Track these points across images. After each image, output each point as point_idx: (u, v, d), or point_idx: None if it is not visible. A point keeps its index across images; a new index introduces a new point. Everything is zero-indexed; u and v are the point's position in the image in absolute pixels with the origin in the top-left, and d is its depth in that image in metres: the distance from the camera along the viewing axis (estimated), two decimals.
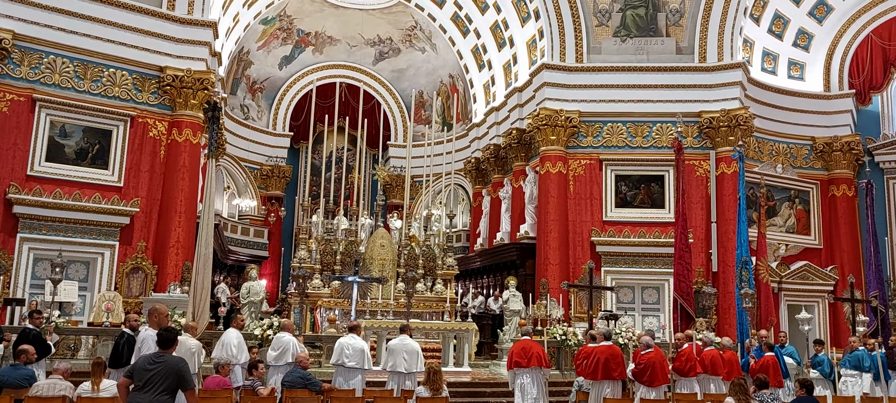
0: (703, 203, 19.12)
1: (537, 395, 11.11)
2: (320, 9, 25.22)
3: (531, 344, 11.31)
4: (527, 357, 11.07)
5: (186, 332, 9.63)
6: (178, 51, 17.40)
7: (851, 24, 21.80)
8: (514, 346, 11.54)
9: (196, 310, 11.36)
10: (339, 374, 10.74)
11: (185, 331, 9.58)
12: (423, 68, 27.43)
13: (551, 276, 18.51)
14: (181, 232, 16.81)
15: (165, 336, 6.70)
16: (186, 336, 9.34)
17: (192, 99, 17.33)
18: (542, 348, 11.45)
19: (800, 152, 21.38)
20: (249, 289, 17.24)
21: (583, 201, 19.40)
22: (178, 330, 7.24)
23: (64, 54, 16.33)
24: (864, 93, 21.85)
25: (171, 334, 6.76)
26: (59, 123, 16.25)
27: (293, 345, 10.77)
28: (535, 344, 11.39)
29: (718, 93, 19.31)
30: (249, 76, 26.36)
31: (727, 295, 17.89)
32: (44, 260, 15.41)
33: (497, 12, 22.29)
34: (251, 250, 25.45)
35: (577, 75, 19.88)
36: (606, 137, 19.72)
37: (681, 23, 20.01)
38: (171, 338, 6.72)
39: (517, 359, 11.15)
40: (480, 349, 18.22)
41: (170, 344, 6.67)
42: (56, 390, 8.06)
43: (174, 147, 17.23)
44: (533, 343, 11.43)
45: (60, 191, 15.88)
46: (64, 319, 13.68)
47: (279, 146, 27.40)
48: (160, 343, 6.69)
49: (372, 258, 17.96)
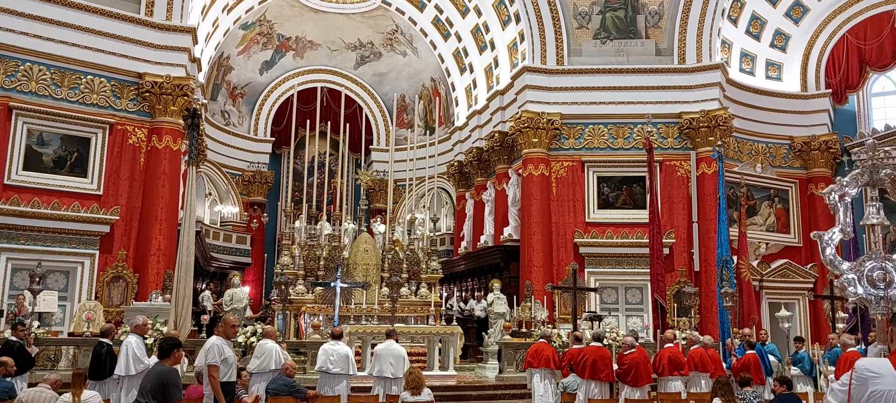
0: (685, 203, 19.27)
1: (543, 393, 11.68)
2: (300, 13, 25.13)
3: (544, 347, 12.01)
4: (538, 359, 11.81)
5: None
6: (156, 57, 17.26)
7: (827, 24, 22.08)
8: (530, 348, 12.35)
9: (178, 318, 11.29)
10: (323, 380, 10.69)
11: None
12: (404, 72, 27.42)
13: (535, 278, 18.56)
14: (162, 239, 16.66)
15: (162, 346, 6.60)
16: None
17: (171, 105, 17.19)
18: (554, 350, 12.15)
19: (778, 151, 21.63)
20: (232, 296, 17.13)
21: (565, 203, 19.48)
22: (172, 339, 7.07)
23: (41, 61, 16.13)
24: (841, 93, 22.13)
25: (165, 344, 6.64)
26: (37, 131, 16.05)
27: (276, 352, 10.70)
28: (548, 347, 12.07)
29: (698, 94, 19.48)
30: (230, 81, 26.22)
31: (709, 294, 18.03)
32: (22, 270, 15.19)
33: (478, 16, 22.33)
34: (234, 257, 25.29)
35: (558, 77, 19.97)
36: (588, 139, 19.82)
37: (660, 24, 20.17)
38: (165, 349, 6.59)
39: (530, 360, 12.01)
40: (466, 352, 18.23)
41: (164, 355, 6.54)
42: (41, 398, 7.94)
43: (154, 154, 17.08)
44: (546, 345, 12.13)
45: (38, 200, 15.68)
46: (43, 330, 13.51)
47: (261, 151, 27.27)
48: (158, 353, 6.59)
49: (356, 263, 17.90)
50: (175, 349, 6.65)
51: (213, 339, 8.10)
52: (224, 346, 7.97)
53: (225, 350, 7.96)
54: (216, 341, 7.98)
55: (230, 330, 8.27)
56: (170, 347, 6.61)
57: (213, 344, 7.93)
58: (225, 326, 8.26)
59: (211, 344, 7.96)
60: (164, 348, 6.59)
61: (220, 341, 7.99)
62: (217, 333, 8.26)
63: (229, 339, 8.23)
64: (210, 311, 17.43)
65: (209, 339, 8.20)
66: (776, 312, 17.02)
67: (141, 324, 9.95)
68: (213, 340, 8.04)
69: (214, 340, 8.03)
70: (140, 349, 9.49)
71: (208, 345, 7.97)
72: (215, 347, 7.88)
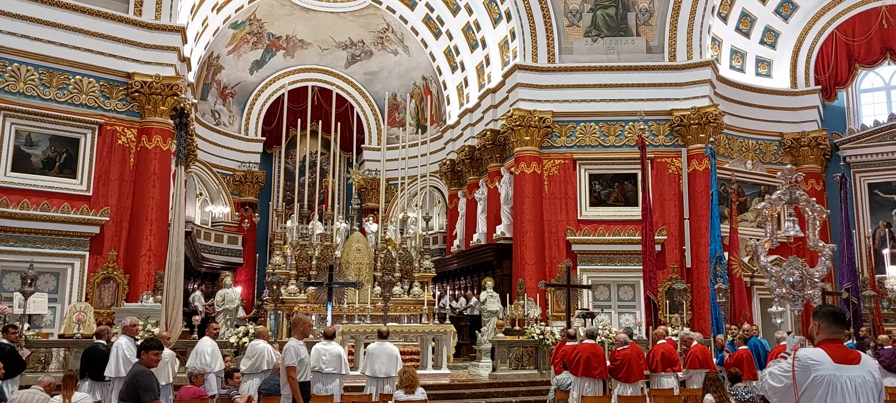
0: (676, 200, 19.31)
1: None
2: (290, 12, 25.05)
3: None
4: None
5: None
6: (145, 56, 17.15)
7: (816, 21, 22.21)
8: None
9: (169, 319, 11.23)
10: (316, 380, 10.64)
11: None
12: (395, 70, 27.37)
13: (528, 276, 18.56)
14: (153, 240, 16.57)
15: (140, 344, 6.64)
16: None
17: (161, 105, 17.10)
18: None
19: (769, 148, 21.72)
20: (224, 297, 17.02)
21: (558, 201, 19.49)
22: (153, 340, 7.02)
23: (28, 62, 16.00)
24: (830, 89, 22.25)
25: (144, 343, 6.64)
26: (25, 132, 15.92)
27: (268, 352, 10.67)
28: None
29: (688, 92, 19.53)
30: (220, 81, 26.10)
31: (701, 291, 18.09)
32: (11, 271, 15.09)
33: (469, 14, 22.32)
34: (225, 257, 25.18)
35: (550, 75, 19.98)
36: (580, 137, 19.84)
37: (650, 22, 20.21)
38: (140, 347, 6.60)
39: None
40: (459, 350, 18.20)
41: (139, 353, 6.56)
42: (33, 400, 7.87)
43: (144, 154, 16.98)
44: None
45: (27, 201, 15.56)
46: (34, 332, 13.41)
47: (252, 151, 27.16)
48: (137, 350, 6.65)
49: (348, 262, 17.86)
50: (151, 349, 6.54)
51: (289, 341, 8.31)
52: (300, 347, 8.17)
53: (300, 352, 8.16)
54: (293, 343, 8.18)
55: (307, 329, 8.62)
56: (146, 345, 6.56)
57: (289, 346, 8.14)
58: (303, 326, 8.52)
59: (287, 347, 8.15)
60: (143, 345, 6.59)
61: (295, 342, 8.19)
62: (293, 334, 8.47)
63: (304, 338, 8.44)
64: (201, 312, 17.36)
65: (287, 342, 8.39)
66: (768, 308, 17.10)
67: (130, 325, 9.89)
68: (290, 342, 8.26)
69: (291, 342, 8.25)
70: (130, 350, 9.41)
71: (286, 348, 8.16)
72: (292, 349, 8.09)
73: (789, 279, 6.01)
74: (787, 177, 6.59)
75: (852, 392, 4.02)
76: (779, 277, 6.09)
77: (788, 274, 5.98)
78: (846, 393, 4.01)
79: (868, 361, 4.22)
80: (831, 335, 4.30)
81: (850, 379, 4.05)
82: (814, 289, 6.06)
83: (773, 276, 6.14)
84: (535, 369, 14.96)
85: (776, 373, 4.26)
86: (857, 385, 4.05)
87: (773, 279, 6.13)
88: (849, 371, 4.08)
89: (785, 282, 6.06)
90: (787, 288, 6.01)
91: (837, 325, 4.35)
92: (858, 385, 4.05)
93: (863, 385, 4.06)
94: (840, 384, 4.04)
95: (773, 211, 6.72)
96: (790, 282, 6.04)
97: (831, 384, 4.03)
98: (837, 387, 4.03)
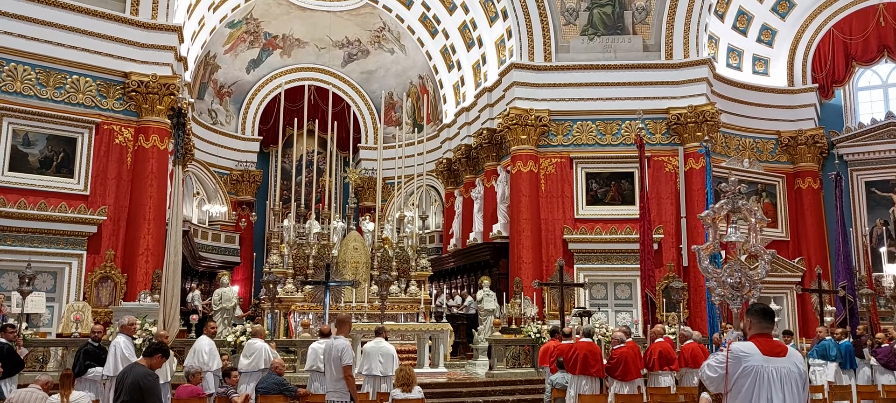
0: (673, 198, 19.35)
1: None
2: (287, 11, 25.04)
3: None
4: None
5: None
6: (142, 56, 17.15)
7: (813, 19, 22.24)
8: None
9: (167, 318, 11.24)
10: (314, 379, 10.66)
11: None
12: (392, 69, 27.38)
13: (525, 275, 18.59)
14: (150, 239, 16.58)
15: (148, 348, 6.70)
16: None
17: (158, 104, 17.10)
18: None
19: (766, 146, 21.76)
20: (222, 296, 17.03)
21: (554, 199, 19.51)
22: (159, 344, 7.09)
23: (25, 61, 15.99)
24: (827, 88, 22.30)
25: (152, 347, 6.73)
26: (22, 132, 15.92)
27: (265, 351, 10.68)
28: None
29: (685, 90, 19.56)
30: (217, 80, 26.10)
31: (698, 289, 18.12)
32: (9, 271, 15.09)
33: (465, 12, 22.33)
34: (223, 256, 25.20)
35: (546, 74, 20.00)
36: (576, 136, 19.86)
37: (647, 20, 20.23)
38: (149, 350, 6.66)
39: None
40: (456, 349, 18.24)
41: (147, 355, 6.59)
42: (31, 399, 7.89)
43: (141, 153, 16.98)
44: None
45: (25, 200, 15.56)
46: (32, 331, 13.41)
47: (249, 150, 27.18)
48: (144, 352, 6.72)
49: (345, 261, 17.86)
50: (159, 354, 6.65)
51: (341, 340, 8.54)
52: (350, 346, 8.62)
53: (352, 350, 8.62)
54: (345, 342, 8.50)
55: (350, 327, 8.99)
56: (154, 350, 6.64)
57: (344, 346, 8.44)
58: (348, 325, 8.88)
59: (343, 346, 8.44)
60: (150, 349, 6.65)
61: (347, 341, 8.53)
62: (339, 333, 8.75)
63: (348, 337, 8.78)
64: (199, 311, 17.37)
65: (338, 341, 8.58)
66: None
67: (128, 324, 9.91)
68: (344, 342, 8.51)
69: (344, 342, 8.51)
70: (128, 349, 9.44)
71: (341, 347, 8.42)
72: (347, 348, 8.43)
73: (729, 280, 6.59)
74: (731, 186, 7.31)
75: (777, 381, 4.52)
76: (719, 278, 6.68)
77: (729, 276, 6.55)
78: (772, 382, 4.51)
79: (794, 354, 4.71)
80: (761, 330, 4.79)
81: (776, 370, 4.55)
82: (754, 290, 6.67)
83: (714, 277, 6.73)
84: (532, 367, 14.98)
85: (712, 364, 4.79)
86: (783, 375, 4.55)
87: (714, 279, 6.73)
88: (775, 362, 4.58)
89: (725, 283, 6.63)
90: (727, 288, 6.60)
91: (766, 321, 4.84)
92: (783, 375, 4.55)
93: (787, 376, 4.56)
94: (766, 373, 4.54)
95: (717, 218, 7.45)
96: (730, 283, 6.61)
97: (759, 373, 4.54)
98: (764, 376, 4.53)
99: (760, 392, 4.53)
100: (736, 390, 4.59)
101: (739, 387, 4.57)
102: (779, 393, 4.51)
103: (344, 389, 8.50)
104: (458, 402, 13.08)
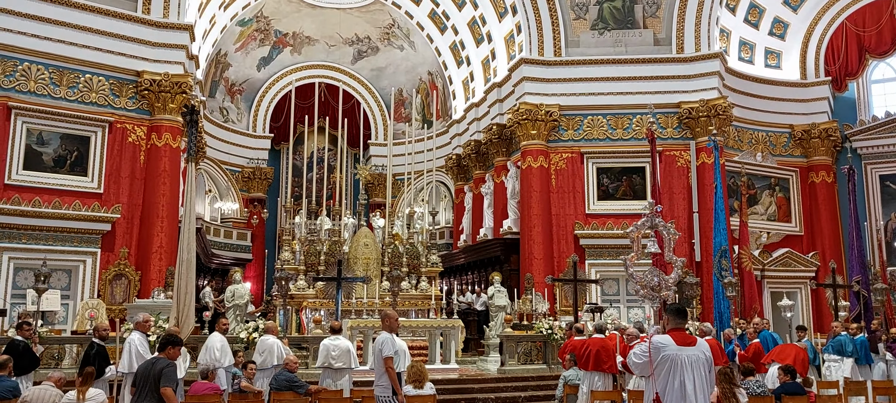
0: (685, 193, 19.25)
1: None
2: (297, 9, 25.09)
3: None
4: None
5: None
6: (154, 54, 17.24)
7: (826, 11, 22.04)
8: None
9: (180, 315, 11.30)
10: (326, 375, 10.71)
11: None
12: (401, 66, 27.38)
13: (536, 271, 18.56)
14: (164, 237, 16.69)
15: (163, 340, 7.10)
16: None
17: (170, 103, 17.19)
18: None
19: (779, 140, 21.62)
20: (234, 292, 17.15)
21: (565, 194, 19.46)
22: (175, 336, 7.35)
23: (39, 61, 16.11)
24: (841, 81, 22.10)
25: (164, 340, 7.08)
26: (36, 131, 16.04)
27: (278, 348, 10.73)
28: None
29: (697, 84, 19.45)
30: (228, 78, 26.19)
31: (710, 285, 18.00)
32: (25, 269, 15.23)
33: (474, 8, 22.29)
34: (235, 253, 25.31)
35: (556, 69, 19.94)
36: (587, 130, 19.80)
37: (658, 14, 20.13)
38: (164, 343, 7.01)
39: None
40: (467, 345, 18.25)
41: (162, 348, 6.93)
42: (46, 396, 7.96)
43: (154, 152, 17.08)
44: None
45: (39, 199, 15.69)
46: (47, 328, 13.53)
47: (260, 148, 27.26)
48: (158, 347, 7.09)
49: (356, 257, 17.92)
50: (170, 345, 7.12)
51: (382, 335, 8.90)
52: (394, 339, 8.90)
53: (396, 343, 8.92)
54: (387, 336, 8.82)
55: (394, 323, 9.17)
56: (167, 342, 7.11)
57: (385, 339, 8.76)
58: (391, 320, 9.15)
59: (383, 339, 8.77)
60: (163, 343, 7.11)
61: (389, 336, 8.85)
62: (383, 328, 9.16)
63: (393, 332, 9.07)
64: (211, 308, 17.47)
65: (380, 335, 8.96)
66: (778, 301, 17.05)
67: (143, 321, 9.97)
68: (384, 335, 8.85)
69: (385, 335, 8.84)
70: (143, 346, 9.50)
71: (380, 340, 8.80)
72: (387, 341, 8.74)
73: (650, 283, 7.85)
74: (650, 209, 8.72)
75: (689, 366, 5.77)
76: (642, 281, 7.92)
77: (649, 280, 7.87)
78: (684, 367, 5.76)
79: (701, 344, 5.98)
80: (675, 325, 6.06)
81: (687, 357, 5.80)
82: (668, 291, 8.00)
83: (638, 281, 7.99)
84: (544, 363, 14.98)
85: (638, 352, 6.04)
86: (693, 361, 5.80)
87: (638, 283, 7.96)
88: (687, 351, 5.83)
89: (647, 285, 7.85)
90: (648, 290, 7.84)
91: (679, 318, 6.12)
92: (693, 361, 5.81)
93: (696, 361, 5.82)
94: (680, 360, 5.77)
95: (638, 235, 8.64)
96: (650, 286, 7.83)
97: (674, 360, 5.77)
98: (678, 362, 5.77)
99: (675, 375, 5.74)
100: (657, 372, 5.79)
101: (659, 371, 5.78)
102: (690, 375, 5.73)
103: (388, 384, 8.60)
104: (470, 398, 13.07)
